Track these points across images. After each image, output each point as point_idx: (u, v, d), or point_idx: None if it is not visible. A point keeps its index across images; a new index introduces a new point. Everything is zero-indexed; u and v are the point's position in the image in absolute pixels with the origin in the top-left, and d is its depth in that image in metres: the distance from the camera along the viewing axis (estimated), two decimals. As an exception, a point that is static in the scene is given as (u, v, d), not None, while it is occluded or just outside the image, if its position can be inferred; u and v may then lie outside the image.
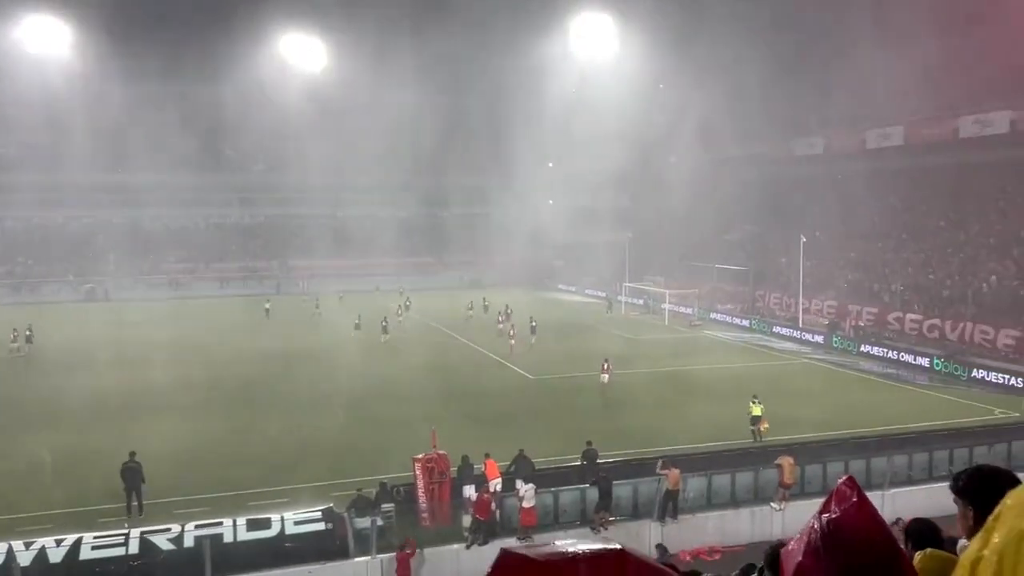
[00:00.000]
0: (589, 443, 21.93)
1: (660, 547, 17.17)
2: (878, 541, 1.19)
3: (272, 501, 20.11)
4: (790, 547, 1.42)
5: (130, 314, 58.88)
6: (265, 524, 17.24)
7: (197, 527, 16.84)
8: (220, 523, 17.14)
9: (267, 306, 59.13)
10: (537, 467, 21.01)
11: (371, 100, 72.25)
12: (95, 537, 16.46)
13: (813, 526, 1.32)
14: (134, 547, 16.20)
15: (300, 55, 75.55)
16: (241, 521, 17.20)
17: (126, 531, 16.91)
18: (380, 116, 68.72)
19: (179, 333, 49.39)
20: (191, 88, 73.07)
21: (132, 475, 20.19)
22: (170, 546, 16.35)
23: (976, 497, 2.20)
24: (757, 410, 26.48)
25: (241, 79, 71.20)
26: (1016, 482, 2.18)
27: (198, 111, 72.92)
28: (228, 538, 16.71)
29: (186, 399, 32.12)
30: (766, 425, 26.17)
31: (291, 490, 21.12)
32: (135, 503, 20.15)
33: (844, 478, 1.37)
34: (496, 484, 19.67)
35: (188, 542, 16.36)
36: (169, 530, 16.75)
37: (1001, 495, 2.11)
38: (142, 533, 16.64)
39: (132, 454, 20.62)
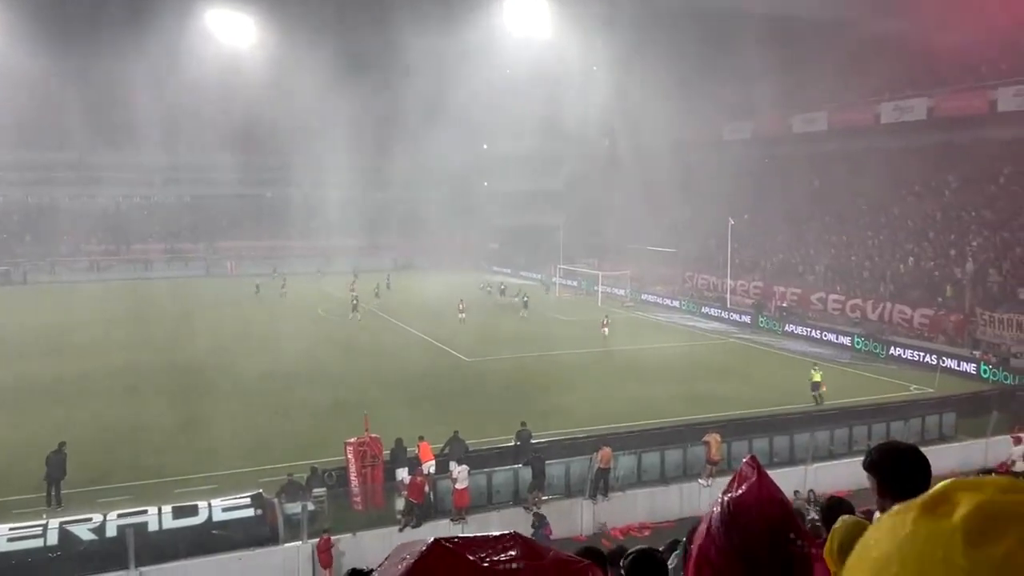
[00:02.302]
0: (523, 424, 22.14)
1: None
2: (776, 518, 1.20)
3: (199, 488, 19.69)
4: (699, 528, 1.43)
5: (52, 297, 56.61)
6: (192, 511, 16.86)
7: (120, 516, 16.36)
8: (144, 511, 16.69)
9: (258, 283, 58.83)
10: (471, 448, 21.08)
11: (300, 78, 70.54)
12: (11, 529, 15.85)
13: (716, 507, 1.33)
14: (53, 538, 15.65)
15: (226, 30, 73.26)
16: (167, 509, 16.77)
17: (44, 522, 16.32)
18: (309, 95, 67.34)
19: (104, 317, 47.64)
20: (110, 63, 69.96)
21: (57, 464, 19.52)
22: (91, 536, 15.84)
23: (880, 471, 2.32)
24: (817, 376, 28.84)
25: (164, 54, 68.65)
26: (918, 456, 2.29)
27: (118, 86, 69.97)
28: (153, 526, 16.28)
29: (110, 385, 31.07)
30: (825, 388, 28.30)
31: (219, 476, 20.70)
32: (54, 493, 19.47)
33: (747, 457, 1.39)
34: (430, 467, 19.70)
35: (111, 531, 15.87)
36: (90, 520, 16.22)
37: (904, 469, 2.21)
38: (61, 524, 16.07)
39: (62, 444, 19.90)
